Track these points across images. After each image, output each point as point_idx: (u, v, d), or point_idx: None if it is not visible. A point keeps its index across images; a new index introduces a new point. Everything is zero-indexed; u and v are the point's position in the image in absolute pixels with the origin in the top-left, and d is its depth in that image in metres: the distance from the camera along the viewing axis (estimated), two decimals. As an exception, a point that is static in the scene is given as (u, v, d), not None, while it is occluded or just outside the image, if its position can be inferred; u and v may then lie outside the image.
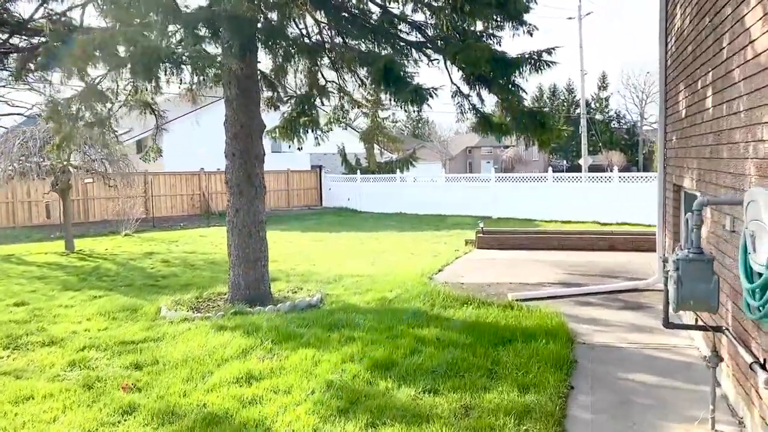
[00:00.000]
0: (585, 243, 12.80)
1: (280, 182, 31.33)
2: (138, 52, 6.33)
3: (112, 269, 13.56)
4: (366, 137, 32.50)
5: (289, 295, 10.06)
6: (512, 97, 9.07)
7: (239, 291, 9.49)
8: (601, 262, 11.04)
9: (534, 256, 12.08)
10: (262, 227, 9.62)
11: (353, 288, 10.60)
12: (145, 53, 6.33)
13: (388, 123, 62.92)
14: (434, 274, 10.39)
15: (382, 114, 32.40)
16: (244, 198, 9.41)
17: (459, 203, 26.65)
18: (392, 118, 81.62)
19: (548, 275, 10.02)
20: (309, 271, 13.21)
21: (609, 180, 23.29)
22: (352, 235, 21.14)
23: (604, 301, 8.15)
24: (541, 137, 8.91)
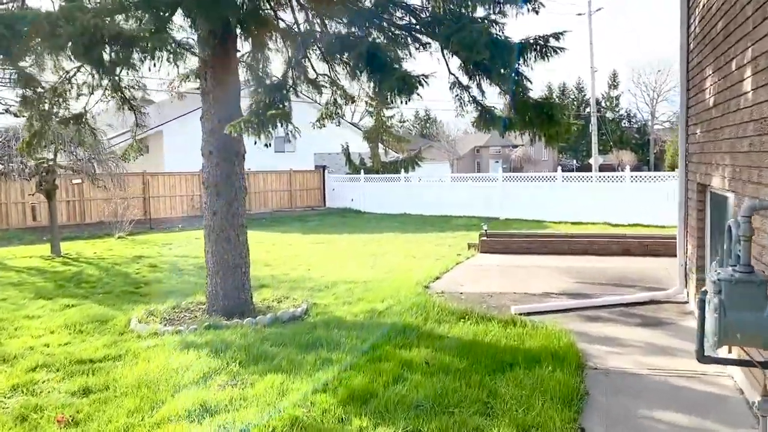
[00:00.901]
0: (596, 247, 11.83)
1: (282, 182, 30.46)
2: (77, 31, 5.46)
3: (94, 275, 12.72)
4: (370, 136, 31.86)
5: (273, 305, 9.17)
6: (516, 88, 8.13)
7: (217, 301, 8.61)
8: (614, 269, 10.07)
9: (541, 261, 11.12)
10: (242, 231, 8.73)
11: (344, 297, 9.71)
12: (85, 31, 5.46)
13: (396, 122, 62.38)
14: (431, 282, 9.46)
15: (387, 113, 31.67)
16: (221, 199, 8.53)
17: (465, 204, 25.69)
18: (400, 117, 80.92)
19: (556, 284, 9.07)
20: (302, 276, 12.34)
21: (621, 180, 22.27)
22: (353, 236, 20.26)
23: (619, 316, 7.19)
24: (548, 131, 7.95)
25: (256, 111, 6.38)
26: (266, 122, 6.32)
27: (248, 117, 6.41)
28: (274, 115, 6.28)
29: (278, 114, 6.30)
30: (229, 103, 8.43)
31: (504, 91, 8.37)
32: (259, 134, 6.43)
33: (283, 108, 6.46)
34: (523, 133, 8.63)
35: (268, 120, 6.30)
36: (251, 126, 6.37)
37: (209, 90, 8.46)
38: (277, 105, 6.45)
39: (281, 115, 6.33)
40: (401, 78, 5.90)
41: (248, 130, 6.37)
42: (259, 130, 6.38)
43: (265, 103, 6.43)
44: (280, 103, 6.48)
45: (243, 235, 8.76)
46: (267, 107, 6.37)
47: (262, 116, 6.29)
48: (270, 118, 6.29)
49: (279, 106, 6.44)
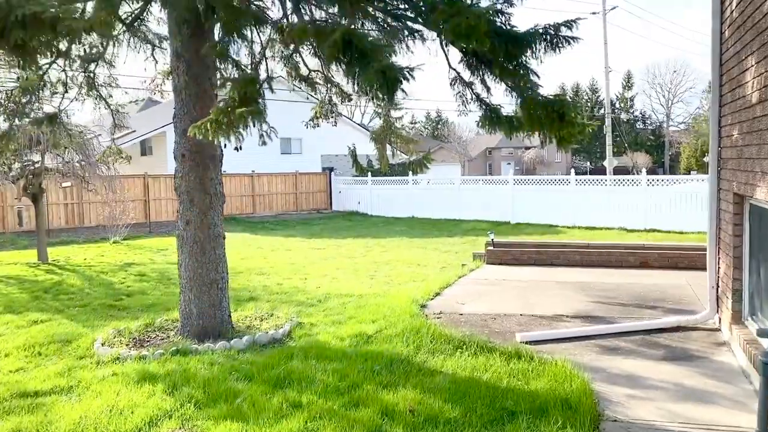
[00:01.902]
0: (612, 259, 10.79)
1: (287, 185, 29.59)
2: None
3: (75, 285, 11.87)
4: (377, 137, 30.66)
5: (253, 324, 8.25)
6: (523, 83, 7.15)
7: (190, 321, 7.70)
8: (633, 285, 9.03)
9: (552, 275, 10.11)
10: (218, 243, 7.81)
11: (335, 314, 8.78)
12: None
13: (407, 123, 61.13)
14: (430, 300, 8.48)
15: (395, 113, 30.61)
16: (195, 208, 7.62)
17: (475, 207, 24.69)
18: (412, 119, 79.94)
19: (568, 303, 8.07)
20: (296, 287, 11.44)
21: (637, 183, 21.17)
22: (358, 242, 19.35)
23: (640, 346, 6.17)
24: (560, 132, 6.95)
25: (224, 109, 5.45)
26: (235, 122, 5.39)
27: (215, 116, 5.48)
28: (244, 113, 5.34)
29: (249, 112, 5.36)
30: (204, 102, 7.52)
31: (510, 88, 7.39)
32: (227, 136, 5.51)
33: (256, 105, 5.52)
34: (532, 135, 7.66)
35: (238, 119, 5.37)
36: (218, 127, 5.44)
37: (182, 87, 7.54)
38: (249, 101, 5.51)
39: (253, 114, 5.40)
40: (381, 71, 4.94)
41: (215, 131, 5.44)
42: (228, 131, 5.45)
43: (234, 100, 5.50)
44: (252, 99, 5.54)
45: (220, 248, 7.84)
46: (236, 104, 5.44)
47: (230, 115, 5.36)
48: (239, 117, 5.36)
49: (251, 102, 5.51)
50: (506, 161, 69.40)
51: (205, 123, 5.44)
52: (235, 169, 28.15)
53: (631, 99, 75.53)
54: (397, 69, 5.05)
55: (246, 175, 27.90)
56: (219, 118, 5.37)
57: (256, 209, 28.13)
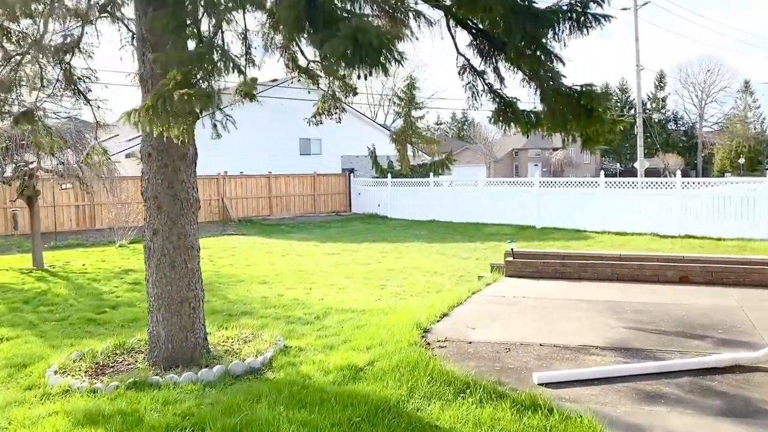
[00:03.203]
0: (647, 272, 9.48)
1: (305, 186, 28.57)
2: None
3: (61, 295, 10.94)
4: (397, 138, 29.71)
5: (234, 348, 7.16)
6: (543, 71, 5.95)
7: (158, 344, 6.65)
8: (674, 307, 7.72)
9: (579, 291, 8.84)
10: (191, 255, 6.73)
11: (329, 334, 7.68)
12: None
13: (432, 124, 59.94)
14: (436, 322, 7.27)
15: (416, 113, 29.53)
16: (163, 215, 6.55)
17: (498, 210, 23.39)
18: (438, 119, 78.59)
19: (597, 329, 6.81)
20: (296, 300, 10.37)
21: (671, 186, 19.68)
22: (374, 246, 18.24)
23: (689, 392, 4.91)
24: (587, 130, 5.74)
25: (164, 93, 4.37)
26: (177, 108, 4.30)
27: (152, 101, 4.41)
28: (186, 96, 4.25)
29: (192, 96, 4.27)
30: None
31: (528, 77, 6.19)
32: (167, 125, 4.42)
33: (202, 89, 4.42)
34: (552, 134, 6.45)
35: (178, 104, 4.28)
36: (155, 115, 4.36)
37: (148, 76, 6.48)
38: (194, 83, 4.43)
39: (198, 98, 4.30)
40: (351, 36, 3.78)
41: (151, 120, 4.37)
42: (167, 120, 4.36)
43: (176, 82, 4.42)
44: (199, 80, 4.46)
45: (193, 261, 6.76)
46: (175, 86, 4.36)
47: (169, 100, 4.27)
48: (179, 102, 4.27)
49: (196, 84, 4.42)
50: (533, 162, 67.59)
51: (140, 110, 4.35)
52: (251, 170, 27.29)
53: (663, 99, 73.07)
54: (375, 33, 3.87)
55: (262, 176, 26.97)
56: (156, 103, 4.29)
57: (272, 211, 27.18)
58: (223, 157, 27.08)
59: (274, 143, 29.23)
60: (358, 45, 3.76)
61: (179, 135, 4.69)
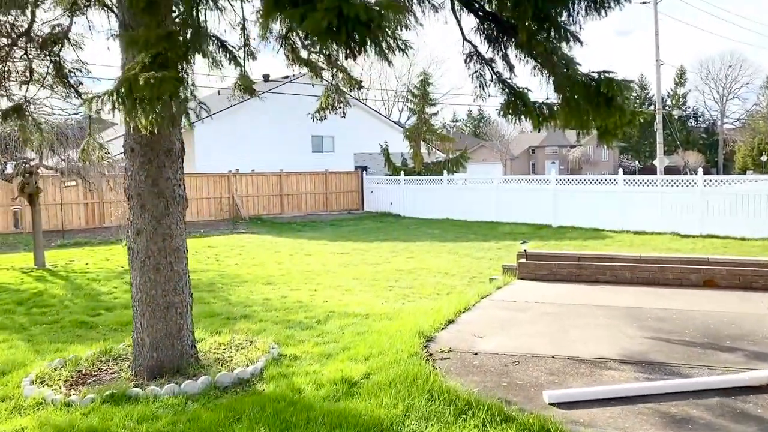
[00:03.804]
0: (669, 276, 8.87)
1: (317, 184, 28.13)
2: None
3: (57, 296, 10.58)
4: (411, 135, 29.14)
5: (225, 356, 6.70)
6: (557, 57, 5.41)
7: (143, 353, 6.20)
8: (699, 314, 7.12)
9: (595, 296, 8.27)
10: (177, 257, 6.27)
11: (328, 341, 7.21)
12: None
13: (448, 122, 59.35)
14: (441, 329, 6.74)
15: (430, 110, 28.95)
16: (147, 214, 6.10)
17: (514, 209, 22.78)
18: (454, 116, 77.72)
19: (615, 339, 6.24)
20: (299, 302, 9.92)
21: (692, 184, 18.96)
22: (385, 245, 17.75)
23: (720, 416, 4.33)
24: (606, 121, 5.18)
25: (129, 77, 3.90)
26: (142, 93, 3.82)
27: (117, 86, 3.94)
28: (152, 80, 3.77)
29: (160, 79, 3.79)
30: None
31: (540, 64, 5.64)
32: (132, 112, 3.95)
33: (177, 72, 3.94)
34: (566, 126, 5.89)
35: (144, 89, 3.81)
36: (119, 101, 3.89)
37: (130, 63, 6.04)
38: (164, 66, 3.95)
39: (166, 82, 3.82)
40: (334, 9, 3.27)
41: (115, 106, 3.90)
42: (133, 107, 3.89)
43: (143, 65, 3.94)
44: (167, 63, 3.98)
45: (180, 263, 6.30)
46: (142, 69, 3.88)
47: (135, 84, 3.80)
48: (145, 87, 3.79)
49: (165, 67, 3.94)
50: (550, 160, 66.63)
51: (102, 97, 3.89)
52: (263, 167, 26.91)
53: (684, 96, 71.67)
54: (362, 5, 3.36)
55: (273, 174, 26.56)
56: (120, 89, 3.82)
57: (284, 209, 26.77)
58: (234, 155, 26.77)
59: (286, 140, 28.84)
60: (343, 18, 3.26)
61: (147, 125, 4.22)
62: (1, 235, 18.77)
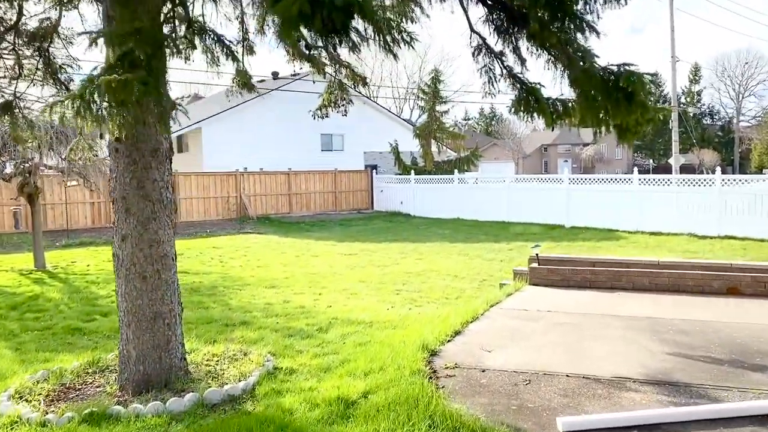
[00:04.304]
0: (690, 283, 8.36)
1: (326, 183, 27.71)
2: None
3: (53, 299, 10.24)
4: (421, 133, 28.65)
5: (216, 370, 6.28)
6: (572, 49, 4.94)
7: (129, 366, 5.81)
8: (725, 326, 6.62)
9: (612, 304, 7.78)
10: (165, 265, 5.87)
11: (328, 352, 6.80)
12: None
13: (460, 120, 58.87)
14: (447, 341, 6.28)
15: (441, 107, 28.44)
16: (132, 218, 5.70)
17: (526, 208, 22.27)
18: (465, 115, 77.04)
19: (635, 355, 5.76)
20: (302, 307, 9.52)
21: (710, 183, 18.37)
22: (393, 246, 17.32)
23: (755, 448, 3.89)
24: (626, 119, 4.71)
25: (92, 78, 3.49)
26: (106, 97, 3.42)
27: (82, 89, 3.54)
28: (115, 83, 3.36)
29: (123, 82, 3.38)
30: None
31: (553, 57, 5.18)
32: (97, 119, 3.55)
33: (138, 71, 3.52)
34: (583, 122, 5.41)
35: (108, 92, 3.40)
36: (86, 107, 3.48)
37: (114, 60, 5.64)
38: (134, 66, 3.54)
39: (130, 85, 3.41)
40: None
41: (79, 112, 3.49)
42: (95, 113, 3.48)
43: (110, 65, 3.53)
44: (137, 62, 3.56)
45: (168, 271, 5.89)
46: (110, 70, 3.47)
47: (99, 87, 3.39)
48: (108, 90, 3.38)
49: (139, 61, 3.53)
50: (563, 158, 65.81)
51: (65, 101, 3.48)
52: (271, 166, 26.55)
53: (699, 93, 70.53)
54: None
55: (282, 173, 26.18)
56: (85, 92, 3.41)
57: (292, 209, 26.39)
58: (242, 154, 26.43)
59: (295, 139, 28.46)
60: (318, 3, 2.81)
61: (114, 131, 3.81)
62: (6, 235, 18.51)
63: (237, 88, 8.93)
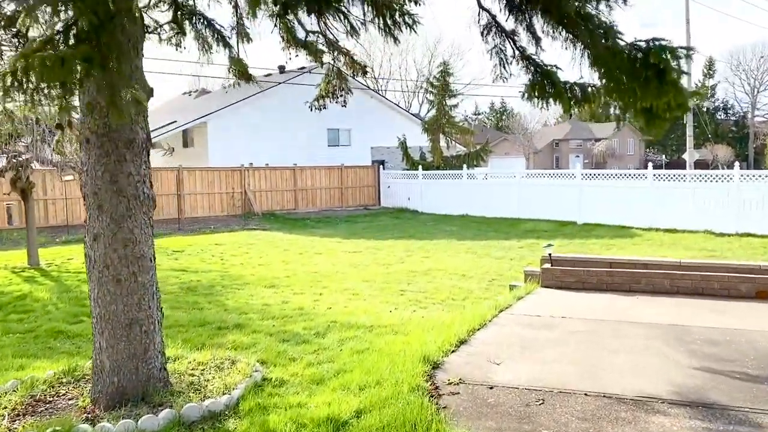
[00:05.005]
0: (715, 285, 7.73)
1: (332, 179, 27.13)
2: None
3: (41, 299, 9.75)
4: (430, 127, 27.99)
5: (200, 380, 5.73)
6: (591, 24, 4.34)
7: (102, 377, 5.27)
8: (757, 335, 5.99)
9: (631, 309, 7.16)
10: (142, 266, 5.31)
11: (323, 360, 6.25)
12: None
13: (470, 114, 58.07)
14: (450, 352, 5.70)
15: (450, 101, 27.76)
16: (105, 216, 5.15)
17: (537, 204, 21.63)
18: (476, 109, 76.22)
19: (661, 371, 5.15)
20: (300, 309, 8.99)
21: (728, 179, 17.67)
22: (399, 244, 16.75)
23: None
24: (656, 101, 4.10)
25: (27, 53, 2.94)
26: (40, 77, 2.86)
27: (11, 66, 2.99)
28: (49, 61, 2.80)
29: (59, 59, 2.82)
30: (116, 59, 5.02)
31: (572, 33, 4.58)
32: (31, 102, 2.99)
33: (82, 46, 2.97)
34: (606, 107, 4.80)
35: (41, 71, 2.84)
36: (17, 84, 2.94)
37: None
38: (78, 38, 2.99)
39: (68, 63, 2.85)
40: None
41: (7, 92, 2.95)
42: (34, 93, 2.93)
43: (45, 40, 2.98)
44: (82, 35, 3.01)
45: (145, 273, 5.34)
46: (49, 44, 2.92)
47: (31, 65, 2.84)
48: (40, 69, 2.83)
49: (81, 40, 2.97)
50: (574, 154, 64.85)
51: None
52: (277, 161, 26.03)
53: (713, 87, 69.30)
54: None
55: (287, 169, 25.62)
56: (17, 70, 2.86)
57: (298, 205, 25.85)
58: (247, 149, 25.93)
59: (301, 134, 27.90)
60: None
61: (53, 117, 3.26)
62: (6, 230, 18.08)
63: (234, 79, 8.39)
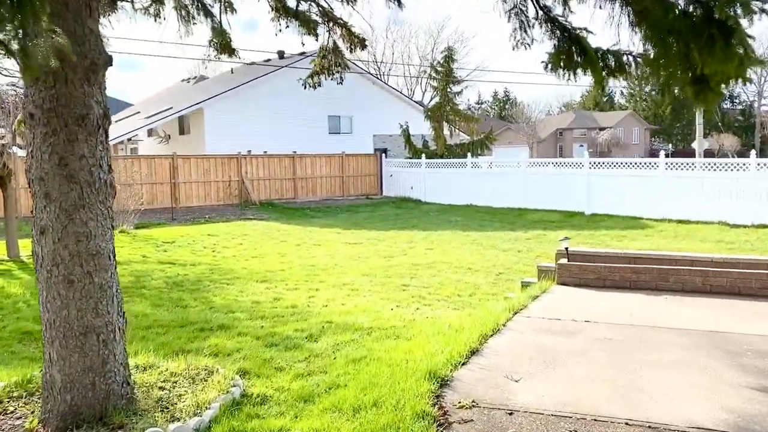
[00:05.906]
0: (754, 284, 6.88)
1: (333, 167, 26.28)
2: None
3: (13, 295, 8.99)
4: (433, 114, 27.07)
5: (169, 395, 4.92)
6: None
7: (52, 395, 4.48)
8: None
9: (662, 313, 6.34)
10: (99, 265, 4.49)
11: (313, 373, 5.45)
12: None
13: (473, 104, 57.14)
14: (460, 365, 4.87)
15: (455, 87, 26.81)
16: (53, 206, 4.34)
17: (543, 194, 20.81)
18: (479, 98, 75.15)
19: (709, 390, 4.33)
20: (293, 307, 8.24)
21: (744, 167, 16.81)
22: (402, 235, 15.99)
23: None
24: (722, 66, 3.26)
25: None
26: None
27: None
28: None
29: None
30: (65, 21, 4.19)
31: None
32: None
33: None
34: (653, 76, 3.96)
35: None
36: None
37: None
38: None
39: None
40: None
41: None
42: None
43: None
44: None
45: (103, 273, 4.52)
46: None
47: None
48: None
49: None
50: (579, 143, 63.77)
51: None
52: (276, 149, 25.20)
53: (718, 77, 68.24)
54: None
55: (286, 156, 24.77)
56: None
57: (297, 194, 25.02)
58: (246, 136, 25.13)
59: (301, 121, 27.05)
60: None
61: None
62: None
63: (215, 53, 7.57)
